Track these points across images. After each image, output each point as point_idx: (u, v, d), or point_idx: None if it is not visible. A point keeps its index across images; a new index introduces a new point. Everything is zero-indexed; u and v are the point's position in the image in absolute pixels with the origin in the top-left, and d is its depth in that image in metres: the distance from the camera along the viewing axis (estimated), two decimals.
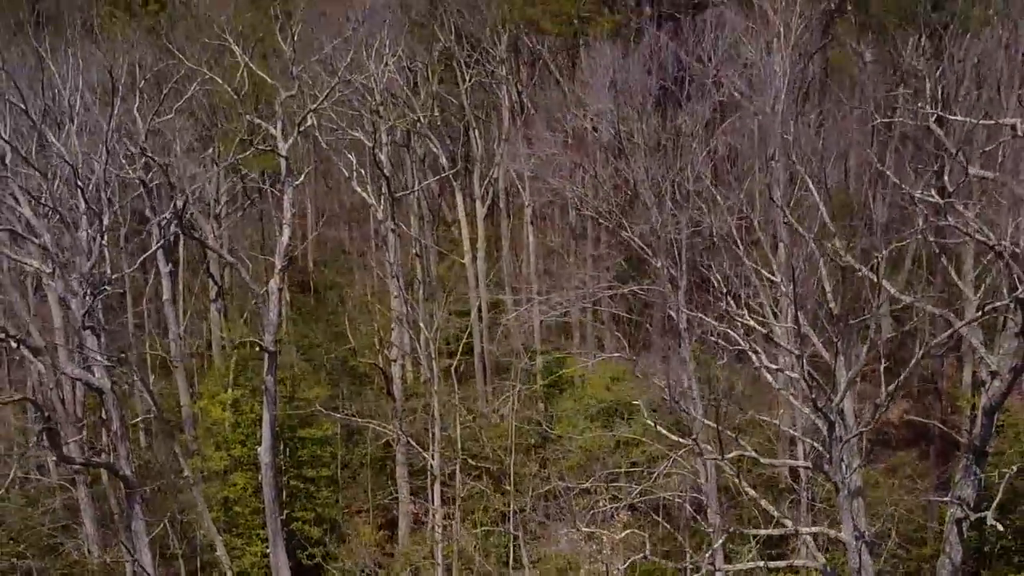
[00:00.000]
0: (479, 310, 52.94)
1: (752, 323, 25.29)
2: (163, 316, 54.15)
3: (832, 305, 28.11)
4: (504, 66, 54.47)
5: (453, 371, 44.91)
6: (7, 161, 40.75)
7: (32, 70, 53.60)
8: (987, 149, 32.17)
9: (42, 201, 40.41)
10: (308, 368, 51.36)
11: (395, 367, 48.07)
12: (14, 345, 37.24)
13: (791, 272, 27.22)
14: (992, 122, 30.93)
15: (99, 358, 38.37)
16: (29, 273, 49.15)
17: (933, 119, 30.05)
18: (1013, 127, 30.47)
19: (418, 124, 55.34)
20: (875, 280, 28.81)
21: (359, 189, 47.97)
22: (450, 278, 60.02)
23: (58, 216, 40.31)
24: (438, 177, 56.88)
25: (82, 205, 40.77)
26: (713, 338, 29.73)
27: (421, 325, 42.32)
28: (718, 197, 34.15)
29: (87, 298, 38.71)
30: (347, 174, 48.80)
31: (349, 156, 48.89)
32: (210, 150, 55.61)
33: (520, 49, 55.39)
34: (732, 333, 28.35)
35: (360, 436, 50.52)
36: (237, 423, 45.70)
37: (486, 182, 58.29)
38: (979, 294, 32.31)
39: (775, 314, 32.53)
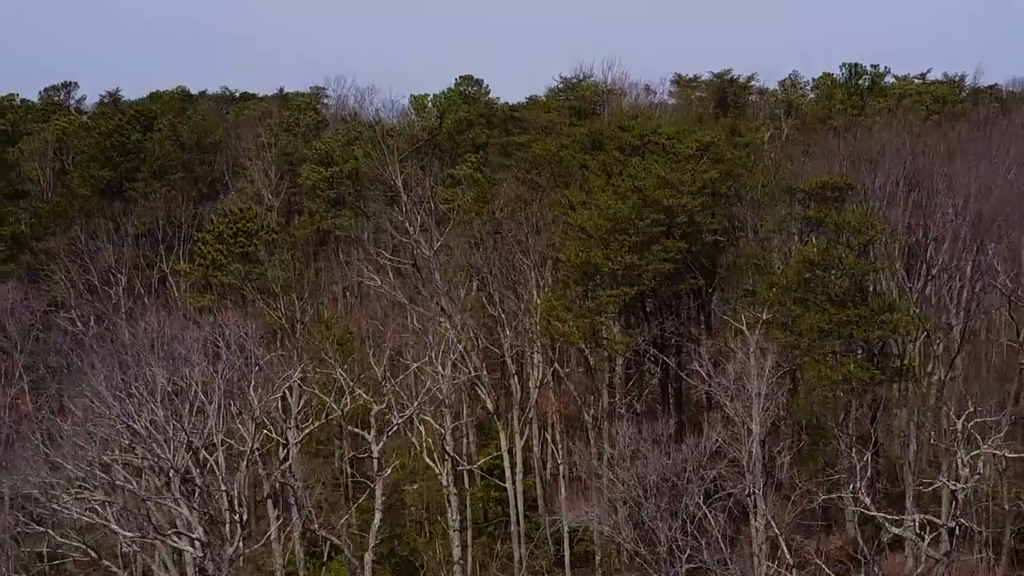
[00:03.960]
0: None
1: None
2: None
3: None
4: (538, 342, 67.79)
5: None
6: (172, 485, 53.50)
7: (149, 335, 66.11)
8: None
9: (196, 507, 52.94)
10: None
11: None
12: None
13: None
14: (898, 518, 43.23)
15: None
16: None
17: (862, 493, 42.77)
18: (914, 521, 43.36)
19: (469, 376, 68.54)
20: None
21: (429, 461, 60.77)
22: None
23: (209, 516, 53.15)
24: (491, 457, 69.49)
25: (225, 504, 53.77)
26: None
27: None
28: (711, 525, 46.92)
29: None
30: (418, 447, 61.67)
31: (419, 426, 61.87)
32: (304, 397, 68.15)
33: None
34: None
35: None
36: None
37: (523, 419, 71.19)
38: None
39: None
